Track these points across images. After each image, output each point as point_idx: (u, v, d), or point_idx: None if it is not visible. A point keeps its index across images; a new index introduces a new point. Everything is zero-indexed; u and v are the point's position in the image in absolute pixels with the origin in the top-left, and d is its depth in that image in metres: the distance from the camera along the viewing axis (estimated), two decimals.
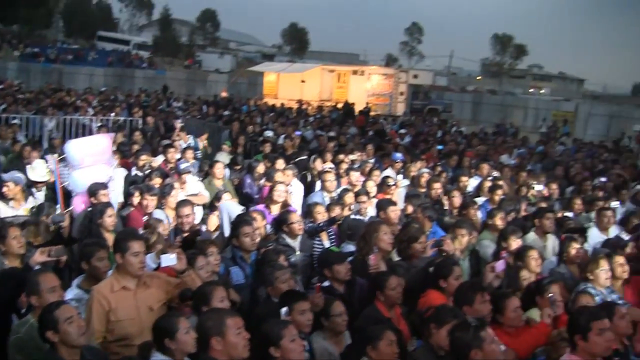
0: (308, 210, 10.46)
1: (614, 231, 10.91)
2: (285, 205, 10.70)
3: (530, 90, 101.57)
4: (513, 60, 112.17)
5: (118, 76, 62.36)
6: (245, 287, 7.66)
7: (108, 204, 9.14)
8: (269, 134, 21.16)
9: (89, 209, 9.38)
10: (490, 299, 6.46)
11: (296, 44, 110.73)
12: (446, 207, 11.78)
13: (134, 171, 13.25)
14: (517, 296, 6.86)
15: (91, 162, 10.57)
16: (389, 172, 14.94)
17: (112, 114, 24.71)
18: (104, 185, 9.82)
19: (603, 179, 16.44)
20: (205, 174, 13.60)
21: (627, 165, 21.71)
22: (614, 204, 12.77)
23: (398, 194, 12.69)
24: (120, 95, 39.05)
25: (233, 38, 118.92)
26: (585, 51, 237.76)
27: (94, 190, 9.66)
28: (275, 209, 10.46)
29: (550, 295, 6.80)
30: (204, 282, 6.33)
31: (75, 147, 10.89)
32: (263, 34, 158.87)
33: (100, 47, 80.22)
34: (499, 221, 10.13)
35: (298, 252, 9.01)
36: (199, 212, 10.82)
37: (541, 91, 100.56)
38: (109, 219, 8.72)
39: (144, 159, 13.55)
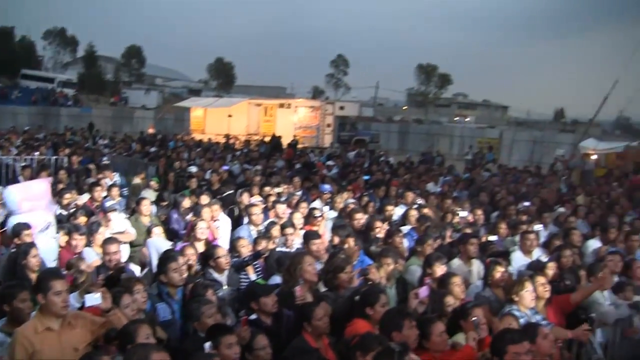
0: (232, 245, 10.47)
1: (537, 253, 11.15)
2: (208, 241, 10.73)
3: (456, 118, 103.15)
4: (438, 89, 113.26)
5: (43, 114, 61.52)
6: (172, 323, 7.63)
7: (32, 244, 8.97)
8: (192, 169, 21.11)
9: (13, 249, 9.23)
10: (415, 325, 6.55)
11: (222, 79, 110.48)
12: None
13: (58, 210, 13.09)
14: (442, 321, 6.95)
15: (29, 207, 10.41)
16: (316, 203, 15.03)
17: (37, 153, 24.41)
18: (27, 226, 9.64)
19: (527, 203, 16.74)
20: (132, 211, 13.51)
21: (551, 188, 22.20)
22: (537, 227, 13.02)
23: (325, 225, 12.78)
24: (48, 135, 38.51)
25: (159, 74, 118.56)
26: (509, 79, 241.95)
27: (17, 230, 9.51)
28: (200, 246, 10.38)
29: (474, 318, 6.92)
30: (129, 321, 6.28)
31: (13, 192, 10.73)
32: (189, 69, 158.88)
33: (24, 86, 79.06)
34: (427, 248, 10.28)
35: (225, 287, 9.01)
36: (125, 250, 10.77)
37: (466, 119, 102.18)
38: (34, 260, 8.57)
39: (67, 197, 13.41)
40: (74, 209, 12.38)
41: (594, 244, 12.47)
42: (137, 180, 18.35)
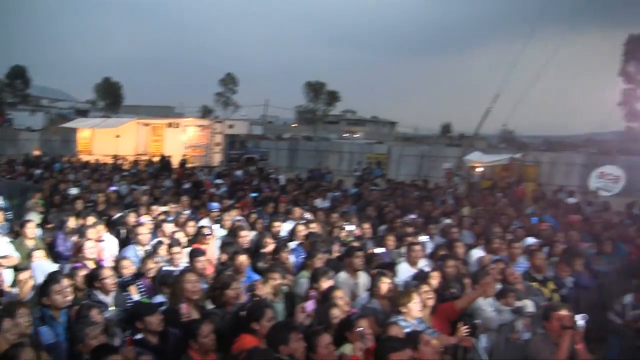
0: (115, 266, 10.35)
1: (423, 264, 11.38)
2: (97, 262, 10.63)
3: (345, 135, 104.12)
4: (326, 106, 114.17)
5: None
6: (56, 346, 7.48)
7: None
8: (72, 191, 20.73)
9: None
10: (302, 337, 6.61)
11: (110, 99, 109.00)
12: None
13: None
14: (328, 333, 7.03)
15: None
16: (205, 222, 14.99)
17: None
18: None
19: (413, 216, 17.03)
20: (16, 234, 13.22)
21: (437, 201, 22.67)
22: (423, 238, 13.29)
23: (215, 243, 12.79)
24: None
25: (45, 95, 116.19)
26: (397, 95, 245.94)
27: None
28: (91, 265, 10.28)
29: (359, 329, 7.03)
30: (10, 345, 6.16)
31: None
32: (76, 90, 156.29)
33: None
34: (317, 262, 10.45)
35: (112, 307, 8.90)
36: (8, 274, 10.56)
37: (355, 135, 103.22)
38: None
39: None
40: None
41: (478, 253, 12.83)
42: (31, 202, 17.93)
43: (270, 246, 12.02)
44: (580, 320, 7.89)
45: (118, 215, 15.59)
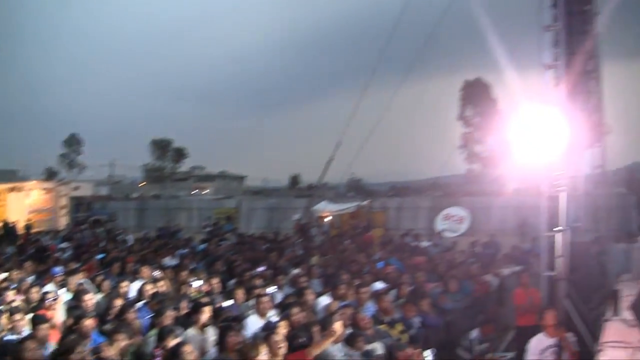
0: None
1: (271, 315, 11.47)
2: None
3: (194, 191, 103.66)
4: (174, 163, 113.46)
5: None
6: None
7: None
8: None
9: None
10: None
11: None
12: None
13: None
14: None
15: None
16: (50, 287, 14.69)
17: None
18: None
19: (262, 268, 17.11)
20: None
21: (287, 252, 22.83)
22: (271, 289, 13.39)
23: (61, 308, 12.55)
24: None
25: None
26: (245, 149, 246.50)
27: None
28: None
29: None
30: None
31: None
32: None
33: None
34: (166, 320, 10.48)
35: None
36: None
37: (204, 192, 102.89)
38: None
39: None
40: None
41: (325, 300, 12.97)
42: None
43: (116, 307, 11.89)
44: (428, 356, 8.12)
45: None
